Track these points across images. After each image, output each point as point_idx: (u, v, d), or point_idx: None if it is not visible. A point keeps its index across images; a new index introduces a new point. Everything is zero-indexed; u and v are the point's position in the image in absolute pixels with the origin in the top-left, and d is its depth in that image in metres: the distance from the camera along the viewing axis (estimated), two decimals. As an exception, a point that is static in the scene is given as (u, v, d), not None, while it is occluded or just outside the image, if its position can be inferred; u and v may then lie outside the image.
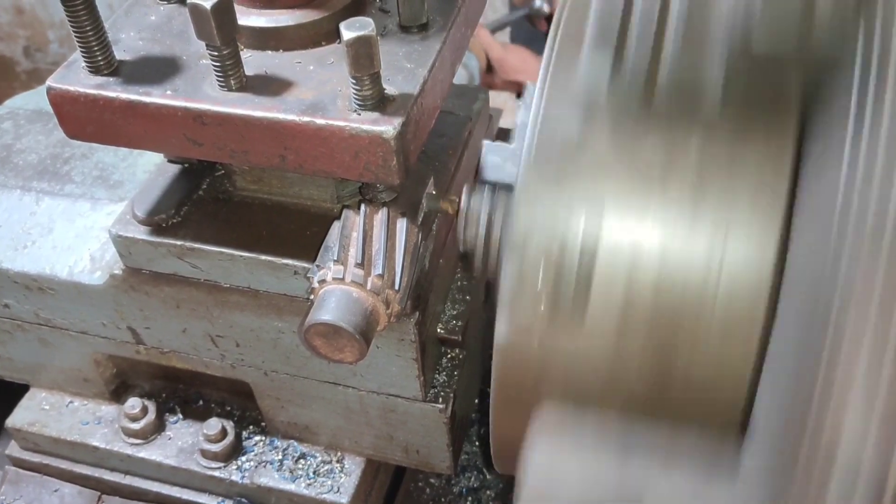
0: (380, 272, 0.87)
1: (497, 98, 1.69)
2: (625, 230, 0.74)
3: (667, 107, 0.75)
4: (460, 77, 2.05)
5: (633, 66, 0.76)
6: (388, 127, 0.82)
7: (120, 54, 0.91)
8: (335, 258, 0.88)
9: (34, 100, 1.34)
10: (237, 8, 0.84)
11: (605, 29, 0.77)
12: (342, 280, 0.87)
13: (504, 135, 0.97)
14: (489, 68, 2.31)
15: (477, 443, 1.45)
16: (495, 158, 0.92)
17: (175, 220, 1.02)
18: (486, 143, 0.93)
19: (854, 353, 0.54)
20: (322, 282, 0.88)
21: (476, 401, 1.36)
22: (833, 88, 0.67)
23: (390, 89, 0.85)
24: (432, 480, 1.40)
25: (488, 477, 1.42)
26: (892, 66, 0.57)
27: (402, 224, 0.92)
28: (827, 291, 0.57)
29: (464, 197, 0.88)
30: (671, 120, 0.74)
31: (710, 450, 0.72)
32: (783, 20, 0.72)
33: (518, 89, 2.32)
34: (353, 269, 0.87)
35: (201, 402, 1.27)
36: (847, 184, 0.57)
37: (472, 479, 1.42)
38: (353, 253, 0.88)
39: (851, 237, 0.56)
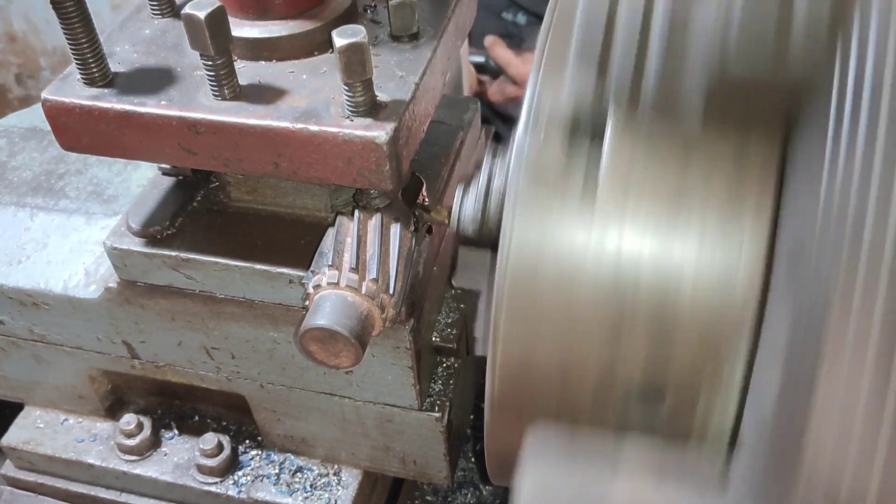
0: (374, 276, 0.88)
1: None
2: (610, 240, 0.74)
3: (649, 126, 0.75)
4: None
5: (616, 83, 0.76)
6: (380, 132, 0.83)
7: (115, 66, 0.91)
8: (330, 263, 0.88)
9: (28, 118, 1.35)
10: (231, 19, 0.85)
11: (589, 45, 0.78)
12: (337, 285, 0.87)
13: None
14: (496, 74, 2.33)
15: (473, 459, 1.45)
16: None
17: (170, 232, 1.03)
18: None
19: (834, 370, 0.55)
20: (317, 287, 0.88)
21: (472, 416, 1.36)
22: (811, 113, 0.68)
23: (382, 96, 0.86)
24: (429, 498, 1.40)
25: (484, 493, 1.42)
26: (867, 93, 0.57)
27: (395, 229, 0.92)
28: (809, 307, 0.58)
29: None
30: (653, 140, 0.75)
31: (701, 464, 0.73)
32: (758, 42, 0.72)
33: None
34: (348, 274, 0.87)
35: (197, 418, 1.27)
36: (825, 211, 0.59)
37: (469, 495, 1.42)
38: (348, 258, 0.89)
39: (831, 259, 0.57)
